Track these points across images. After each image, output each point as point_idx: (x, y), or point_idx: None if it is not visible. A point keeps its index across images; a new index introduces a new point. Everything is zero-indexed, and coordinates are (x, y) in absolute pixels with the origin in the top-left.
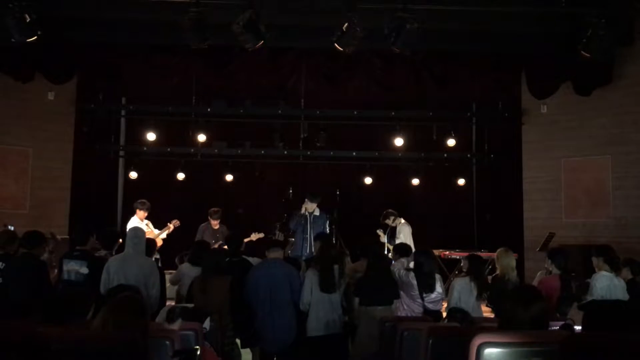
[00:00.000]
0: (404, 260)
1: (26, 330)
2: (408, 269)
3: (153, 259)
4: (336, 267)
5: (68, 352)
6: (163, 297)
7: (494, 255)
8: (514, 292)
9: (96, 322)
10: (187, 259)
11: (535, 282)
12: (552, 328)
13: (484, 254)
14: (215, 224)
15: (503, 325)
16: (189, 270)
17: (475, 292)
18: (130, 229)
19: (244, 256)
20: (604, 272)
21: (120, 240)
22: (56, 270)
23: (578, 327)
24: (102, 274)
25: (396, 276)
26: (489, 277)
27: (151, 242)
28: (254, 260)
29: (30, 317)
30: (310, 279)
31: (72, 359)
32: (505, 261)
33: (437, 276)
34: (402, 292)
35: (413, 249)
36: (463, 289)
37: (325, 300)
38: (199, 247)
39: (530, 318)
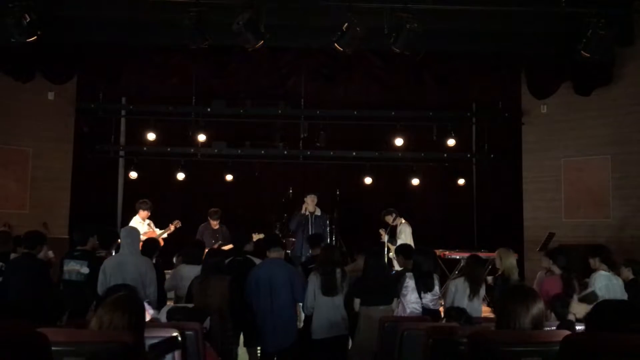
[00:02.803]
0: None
1: (26, 330)
2: (405, 269)
3: (154, 260)
4: (338, 270)
5: (67, 352)
6: (163, 297)
7: (494, 255)
8: (513, 291)
9: (93, 323)
10: (182, 259)
11: (535, 283)
12: (549, 328)
13: (483, 254)
14: (214, 224)
15: (502, 325)
16: (186, 271)
17: (468, 292)
18: (123, 229)
19: (248, 256)
20: (602, 272)
21: (119, 240)
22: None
23: (579, 327)
24: (99, 275)
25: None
26: (489, 278)
27: (153, 243)
28: (258, 260)
29: (30, 317)
30: (313, 282)
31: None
32: (508, 261)
33: (435, 275)
34: (401, 293)
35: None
36: (457, 290)
37: (329, 303)
38: (194, 246)
39: (530, 318)
